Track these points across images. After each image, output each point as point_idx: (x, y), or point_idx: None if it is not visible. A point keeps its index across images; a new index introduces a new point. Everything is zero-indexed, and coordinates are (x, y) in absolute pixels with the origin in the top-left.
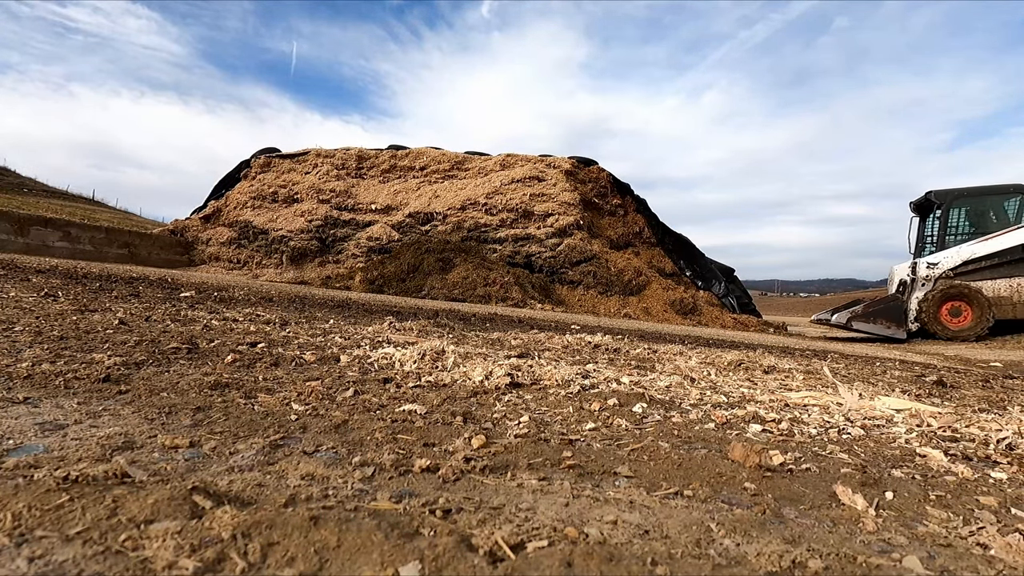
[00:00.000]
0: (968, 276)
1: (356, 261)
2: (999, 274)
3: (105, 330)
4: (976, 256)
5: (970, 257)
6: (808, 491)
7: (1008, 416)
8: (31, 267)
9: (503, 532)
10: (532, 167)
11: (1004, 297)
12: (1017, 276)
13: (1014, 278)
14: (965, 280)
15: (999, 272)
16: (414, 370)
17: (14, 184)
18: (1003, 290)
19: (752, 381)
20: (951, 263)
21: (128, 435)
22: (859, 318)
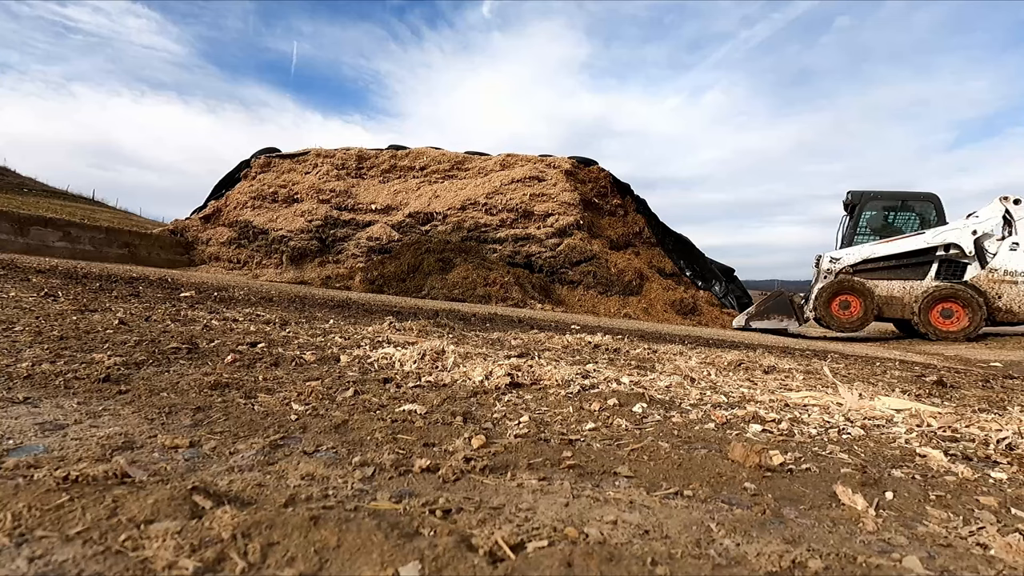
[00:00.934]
0: (867, 274)
1: (356, 261)
2: (894, 275)
3: (105, 330)
4: (875, 256)
5: (870, 256)
6: (808, 491)
7: (1008, 416)
8: (31, 267)
9: (503, 532)
10: (532, 167)
11: (896, 297)
12: (911, 279)
13: (907, 280)
14: (864, 277)
15: (895, 273)
16: (414, 370)
17: (14, 184)
18: (896, 290)
19: (752, 381)
20: (852, 260)
21: (128, 435)
22: (754, 318)
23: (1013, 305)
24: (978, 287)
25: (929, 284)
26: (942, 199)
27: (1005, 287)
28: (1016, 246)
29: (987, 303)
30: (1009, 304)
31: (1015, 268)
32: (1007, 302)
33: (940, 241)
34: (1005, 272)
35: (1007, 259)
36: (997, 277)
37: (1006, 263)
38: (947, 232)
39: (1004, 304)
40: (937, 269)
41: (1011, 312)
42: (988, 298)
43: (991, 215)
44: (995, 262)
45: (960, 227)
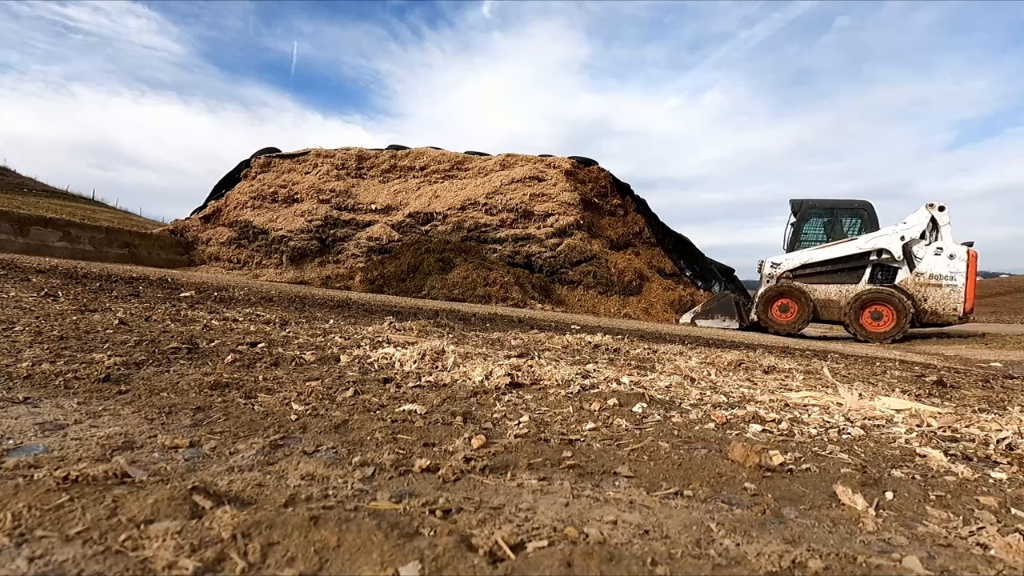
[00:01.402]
0: (806, 278)
1: (356, 261)
2: (831, 280)
3: (105, 330)
4: (813, 260)
5: (808, 261)
6: (808, 491)
7: (1008, 416)
8: (31, 267)
9: (503, 532)
10: (532, 167)
11: (833, 300)
12: (846, 283)
13: (843, 284)
14: (804, 282)
15: (832, 278)
16: (414, 370)
17: (14, 184)
18: (833, 294)
19: (752, 381)
20: (791, 264)
21: (128, 435)
22: (700, 316)
23: (937, 307)
24: (906, 290)
25: (862, 288)
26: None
27: (930, 290)
28: (940, 251)
29: (915, 305)
30: (934, 306)
31: (939, 272)
32: (932, 304)
33: (872, 246)
34: (930, 276)
35: (932, 263)
36: (923, 280)
37: (931, 267)
38: (878, 238)
39: (929, 306)
40: (871, 274)
41: (936, 313)
42: (915, 300)
43: (918, 221)
44: (921, 266)
45: (889, 233)
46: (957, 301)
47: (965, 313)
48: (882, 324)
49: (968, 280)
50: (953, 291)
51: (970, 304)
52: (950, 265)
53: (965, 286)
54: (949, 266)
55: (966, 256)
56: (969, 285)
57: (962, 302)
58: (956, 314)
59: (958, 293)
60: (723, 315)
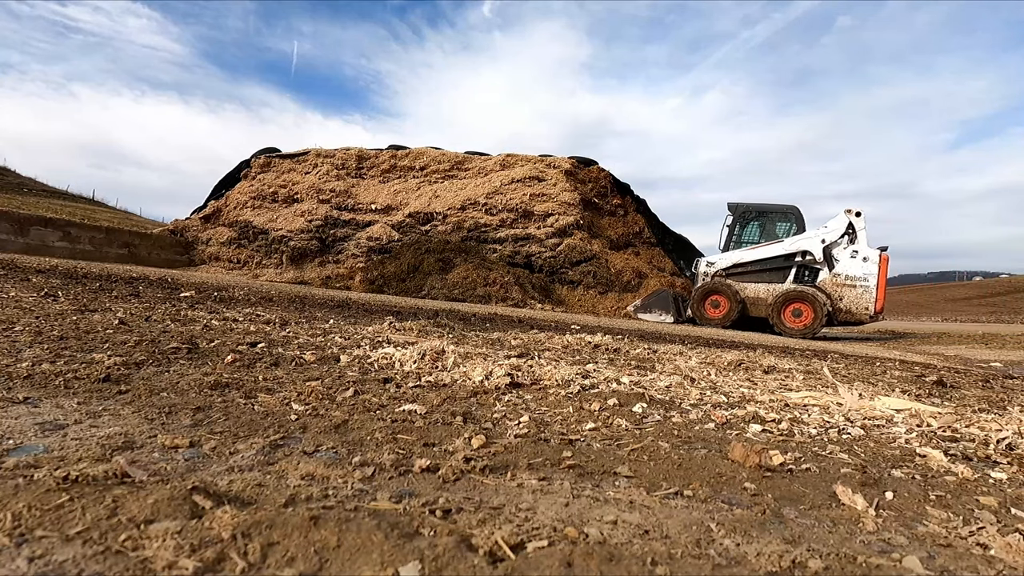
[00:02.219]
0: (738, 278)
1: (356, 261)
2: (760, 279)
3: (105, 330)
4: (744, 260)
5: (739, 260)
6: (808, 491)
7: (1008, 416)
8: (31, 267)
9: (503, 532)
10: (532, 167)
11: (761, 298)
12: (773, 282)
13: (770, 284)
14: (736, 281)
15: (760, 277)
16: (414, 370)
17: (14, 184)
18: (761, 292)
19: (752, 381)
20: (724, 264)
21: (128, 435)
22: (640, 309)
23: (851, 306)
24: (824, 289)
25: (787, 287)
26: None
27: (846, 290)
28: (855, 254)
29: (831, 304)
30: (849, 305)
31: (854, 273)
32: (847, 303)
33: (796, 248)
34: (846, 277)
35: (848, 265)
36: (840, 281)
37: (847, 269)
38: (801, 240)
39: (844, 305)
40: (795, 274)
41: (850, 312)
42: (832, 299)
43: (837, 225)
44: (838, 268)
45: (812, 236)
46: (869, 301)
47: (876, 312)
48: (801, 320)
49: (880, 281)
50: (866, 291)
51: (880, 304)
52: (863, 267)
53: (877, 287)
54: (863, 268)
55: (878, 259)
56: (880, 286)
57: (873, 302)
58: (867, 313)
59: (870, 293)
60: (660, 309)
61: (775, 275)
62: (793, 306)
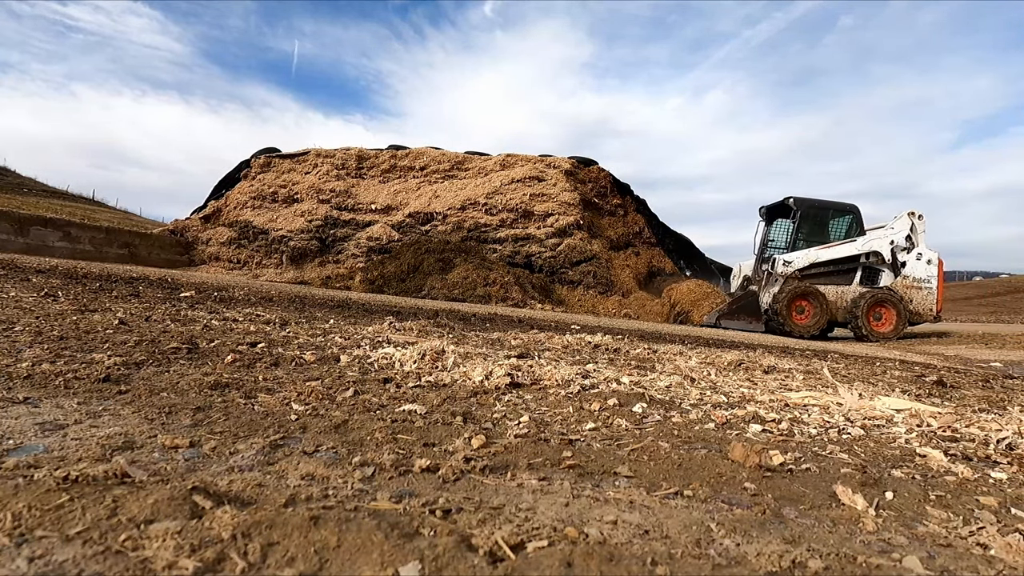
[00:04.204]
0: (811, 280)
1: (356, 261)
2: (828, 281)
3: (105, 330)
4: (820, 260)
5: (815, 260)
6: (808, 491)
7: (1008, 416)
8: (31, 267)
9: (503, 532)
10: (532, 167)
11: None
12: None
13: (838, 286)
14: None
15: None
16: (414, 370)
17: (14, 184)
18: (833, 295)
19: (752, 381)
20: (801, 264)
21: (128, 435)
22: (725, 316)
23: (920, 308)
24: (897, 292)
25: (867, 290)
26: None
27: (914, 292)
28: (920, 256)
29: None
30: (917, 307)
31: (920, 275)
32: (916, 305)
33: (868, 249)
34: (914, 279)
35: (914, 267)
36: (908, 283)
37: (914, 271)
38: (872, 241)
39: (914, 307)
40: (860, 276)
41: (919, 314)
42: (904, 302)
43: (902, 227)
44: (906, 270)
45: (880, 237)
46: (932, 302)
47: (937, 313)
48: (883, 324)
49: (939, 283)
50: (930, 293)
51: (940, 305)
52: (927, 269)
53: (937, 288)
54: (927, 270)
55: (937, 261)
56: (939, 288)
57: (935, 303)
58: (932, 314)
59: (933, 295)
60: (750, 316)
61: (843, 277)
62: (875, 310)
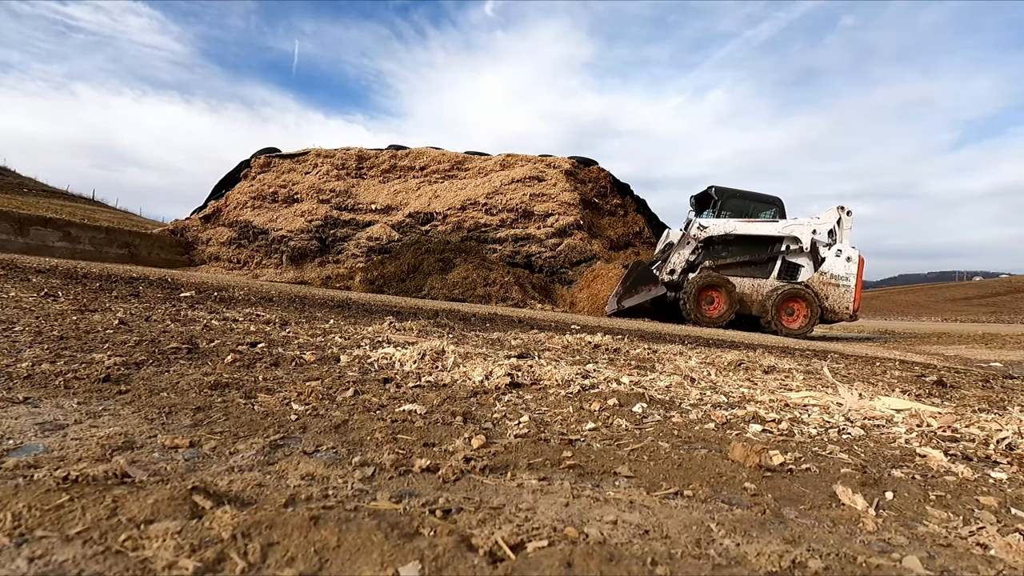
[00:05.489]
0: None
1: (356, 261)
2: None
3: (105, 330)
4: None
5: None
6: (808, 491)
7: (1008, 416)
8: (31, 267)
9: (503, 532)
10: (532, 167)
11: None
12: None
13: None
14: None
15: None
16: (414, 370)
17: (14, 184)
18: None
19: (752, 381)
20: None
21: (128, 435)
22: (625, 296)
23: (835, 305)
24: (813, 288)
25: (782, 284)
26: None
27: (831, 289)
28: (840, 253)
29: (819, 302)
30: (833, 304)
31: (838, 272)
32: (832, 302)
33: (787, 232)
34: (831, 276)
35: (833, 264)
36: (826, 280)
37: (832, 267)
38: (793, 225)
39: (830, 304)
40: (778, 271)
41: (834, 312)
42: (819, 298)
43: (828, 219)
44: (824, 266)
45: (803, 223)
46: (849, 300)
47: (854, 312)
48: (795, 319)
49: (858, 281)
50: (847, 291)
51: (857, 304)
52: (847, 267)
53: (855, 287)
54: (846, 268)
55: (857, 259)
56: (858, 286)
57: (852, 301)
58: (848, 312)
59: (851, 293)
60: (646, 284)
61: (759, 270)
62: (788, 304)
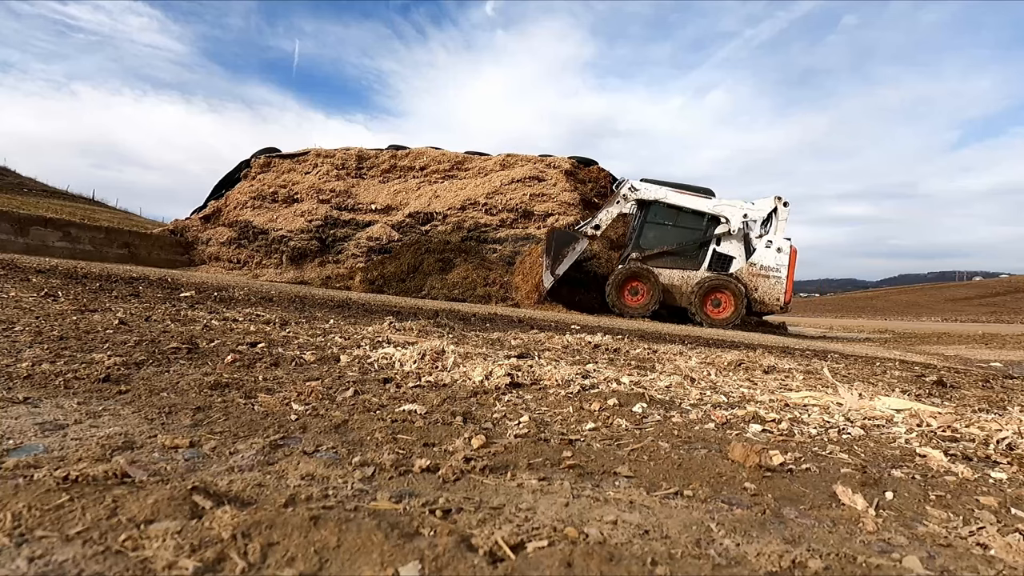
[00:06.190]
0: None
1: (356, 261)
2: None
3: (105, 330)
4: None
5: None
6: (808, 491)
7: (1008, 416)
8: (31, 267)
9: (503, 532)
10: (532, 167)
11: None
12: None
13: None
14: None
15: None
16: (414, 370)
17: (14, 184)
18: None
19: (752, 381)
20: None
21: (128, 435)
22: (555, 265)
23: (765, 297)
24: (741, 279)
25: (708, 275)
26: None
27: (760, 280)
28: (770, 244)
29: (748, 294)
30: (763, 296)
31: (768, 264)
32: (761, 294)
33: (718, 211)
34: (761, 267)
35: (763, 255)
36: (755, 271)
37: (762, 259)
38: (725, 205)
39: (759, 296)
40: (710, 262)
41: (763, 303)
42: (748, 290)
43: (763, 206)
44: (754, 257)
45: (736, 204)
46: (780, 292)
47: (785, 303)
48: (721, 311)
49: (790, 273)
50: (778, 282)
51: (788, 296)
52: (777, 258)
53: (787, 278)
54: (776, 259)
55: (789, 250)
56: (790, 278)
57: (783, 293)
58: (779, 304)
59: (781, 284)
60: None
61: (690, 262)
62: (713, 296)
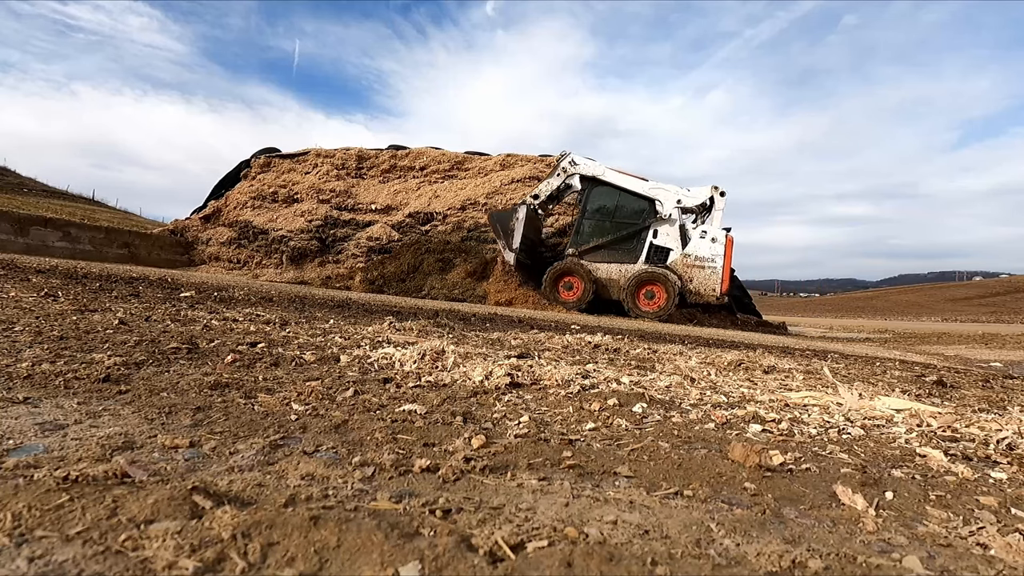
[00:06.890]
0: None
1: (356, 261)
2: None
3: (105, 330)
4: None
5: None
6: (808, 491)
7: (1008, 416)
8: (31, 267)
9: (503, 532)
10: (532, 167)
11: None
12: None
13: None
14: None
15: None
16: (414, 370)
17: (14, 184)
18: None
19: (752, 381)
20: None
21: (128, 435)
22: (509, 238)
23: (700, 288)
24: (676, 271)
25: (639, 268)
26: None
27: (695, 271)
28: (705, 234)
29: (683, 285)
30: (698, 287)
31: (703, 254)
32: (696, 285)
33: (652, 194)
34: (696, 258)
35: (697, 246)
36: (690, 262)
37: (696, 249)
38: (660, 189)
39: (694, 287)
40: (647, 255)
41: (699, 294)
42: (683, 281)
43: (698, 195)
44: (689, 248)
45: (670, 190)
46: (716, 282)
47: (722, 293)
48: (654, 303)
49: (726, 263)
50: (713, 273)
51: (725, 286)
52: (712, 248)
53: (723, 268)
54: (711, 249)
55: (725, 240)
56: (726, 267)
57: (719, 283)
58: (715, 294)
59: (717, 275)
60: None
61: (628, 255)
62: (646, 288)
